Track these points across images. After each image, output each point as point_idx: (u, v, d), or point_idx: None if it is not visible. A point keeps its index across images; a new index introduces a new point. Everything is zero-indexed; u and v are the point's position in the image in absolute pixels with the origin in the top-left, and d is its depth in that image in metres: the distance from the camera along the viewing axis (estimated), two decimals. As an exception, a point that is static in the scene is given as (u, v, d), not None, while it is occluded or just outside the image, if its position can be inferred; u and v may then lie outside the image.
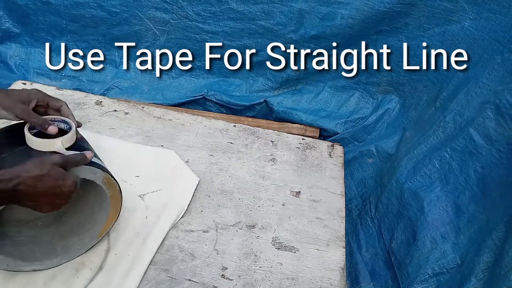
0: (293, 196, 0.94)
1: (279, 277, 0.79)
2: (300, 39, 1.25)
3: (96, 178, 0.69)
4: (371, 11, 1.15)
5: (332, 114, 1.35)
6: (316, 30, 1.23)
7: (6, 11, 1.32)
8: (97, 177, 0.69)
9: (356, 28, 1.20)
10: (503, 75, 0.90)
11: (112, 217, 0.76)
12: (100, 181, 0.70)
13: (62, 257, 0.73)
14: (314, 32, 1.23)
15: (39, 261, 0.70)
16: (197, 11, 1.26)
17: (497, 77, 0.92)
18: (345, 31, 1.21)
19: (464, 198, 0.91)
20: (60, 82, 1.37)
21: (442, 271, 0.87)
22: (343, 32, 1.21)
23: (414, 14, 1.13)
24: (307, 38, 1.25)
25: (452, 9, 1.06)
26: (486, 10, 0.99)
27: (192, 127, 1.06)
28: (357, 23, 1.18)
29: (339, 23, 1.19)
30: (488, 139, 0.89)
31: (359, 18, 1.17)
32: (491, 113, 0.89)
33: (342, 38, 1.23)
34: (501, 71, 0.91)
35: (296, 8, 1.21)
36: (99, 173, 0.69)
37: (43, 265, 0.71)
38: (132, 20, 1.30)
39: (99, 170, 0.69)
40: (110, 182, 0.71)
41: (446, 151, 0.98)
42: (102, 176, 0.69)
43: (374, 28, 1.19)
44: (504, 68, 0.91)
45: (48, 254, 0.72)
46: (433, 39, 1.12)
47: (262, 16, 1.24)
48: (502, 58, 0.92)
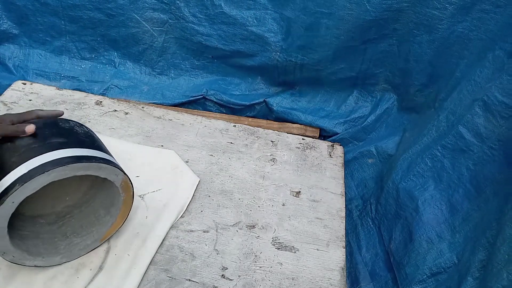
0: (293, 196, 0.94)
1: (279, 277, 0.79)
2: (288, 48, 1.23)
3: (116, 180, 0.69)
4: (357, 21, 1.09)
5: (331, 113, 1.35)
6: (302, 41, 1.19)
7: (4, 12, 1.32)
8: (117, 179, 0.69)
9: (342, 39, 1.15)
10: (492, 72, 0.90)
11: (118, 222, 0.76)
12: (119, 183, 0.69)
13: (64, 256, 0.73)
14: (300, 42, 1.20)
15: (42, 256, 0.70)
16: (193, 12, 1.26)
17: (487, 74, 0.91)
18: (332, 41, 1.16)
19: (458, 196, 0.91)
20: (59, 82, 1.37)
21: (439, 271, 0.87)
22: (329, 43, 1.16)
23: (402, 20, 1.09)
24: (294, 48, 1.22)
25: (441, 16, 1.03)
26: (477, 11, 0.97)
27: (192, 127, 1.06)
28: (343, 33, 1.13)
29: (324, 33, 1.15)
30: (479, 136, 0.88)
31: (344, 28, 1.12)
32: (479, 110, 0.88)
33: (329, 49, 1.19)
34: (491, 68, 0.90)
35: (286, 16, 1.18)
36: (120, 175, 0.69)
37: (45, 262, 0.70)
38: (129, 23, 1.30)
39: (121, 172, 0.68)
40: (127, 186, 0.71)
41: (437, 149, 0.97)
42: (121, 178, 0.69)
43: (361, 38, 1.15)
44: (494, 65, 0.90)
45: (51, 252, 0.72)
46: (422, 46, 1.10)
47: (254, 22, 1.22)
48: (493, 56, 0.91)
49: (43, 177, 0.59)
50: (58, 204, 0.78)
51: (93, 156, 0.65)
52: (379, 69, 1.24)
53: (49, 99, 1.07)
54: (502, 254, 0.70)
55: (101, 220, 0.76)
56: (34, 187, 0.59)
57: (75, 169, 0.62)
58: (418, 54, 1.12)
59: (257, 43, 1.26)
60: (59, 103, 1.06)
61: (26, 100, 1.06)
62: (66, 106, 1.06)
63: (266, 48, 1.26)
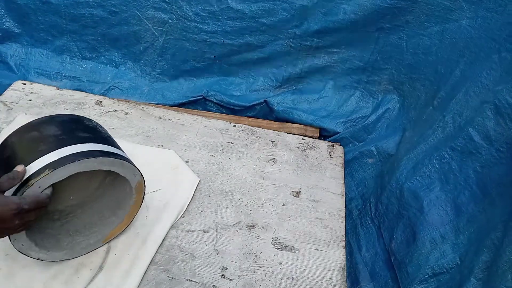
0: (293, 196, 0.94)
1: (279, 277, 0.79)
2: (303, 34, 1.27)
3: (133, 180, 0.70)
4: (373, 7, 1.16)
5: (332, 113, 1.35)
6: (319, 25, 1.24)
7: (6, 11, 1.32)
8: (134, 179, 0.70)
9: (358, 24, 1.21)
10: (501, 75, 0.90)
11: (124, 223, 0.76)
12: (134, 184, 0.70)
13: (67, 253, 0.73)
14: (317, 27, 1.25)
15: (46, 250, 0.70)
16: (196, 11, 1.26)
17: (495, 77, 0.92)
18: (347, 26, 1.22)
19: (463, 198, 0.91)
20: (60, 82, 1.37)
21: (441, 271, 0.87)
22: (345, 27, 1.23)
23: (415, 11, 1.14)
24: (310, 33, 1.26)
25: (451, 7, 1.07)
26: (483, 9, 0.99)
27: (192, 127, 1.06)
28: (359, 19, 1.20)
29: (341, 18, 1.21)
30: (488, 139, 0.89)
31: (361, 14, 1.19)
32: (490, 113, 0.89)
33: (345, 33, 1.24)
34: (499, 70, 0.91)
35: (298, 4, 1.22)
36: (138, 176, 0.70)
37: (49, 256, 0.70)
38: (131, 20, 1.30)
39: (139, 173, 0.70)
40: (140, 188, 0.72)
41: (445, 151, 0.98)
42: (138, 180, 0.70)
43: (375, 25, 1.21)
44: (502, 67, 0.91)
45: (55, 246, 0.72)
46: (432, 38, 1.13)
47: (264, 14, 1.24)
48: (499, 57, 0.91)
49: (74, 165, 0.60)
50: (62, 202, 0.78)
51: (117, 154, 0.67)
52: (386, 65, 1.26)
53: (49, 99, 1.07)
54: (508, 255, 0.70)
55: (105, 221, 0.77)
56: (62, 174, 0.60)
57: (102, 163, 0.64)
58: (427, 46, 1.15)
59: (267, 33, 1.27)
60: (59, 103, 1.06)
61: (26, 100, 1.06)
62: (66, 106, 1.06)
63: (277, 37, 1.28)
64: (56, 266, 0.73)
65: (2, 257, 0.74)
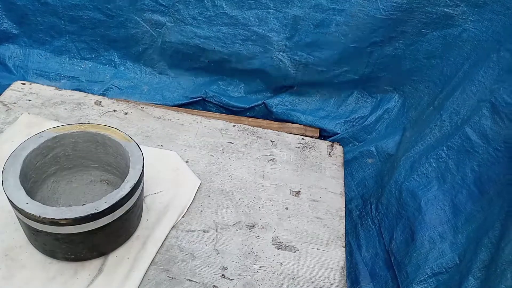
0: (293, 196, 0.94)
1: (279, 277, 0.79)
2: (294, 46, 1.24)
3: None
4: (366, 18, 1.12)
5: (331, 114, 1.34)
6: (310, 38, 1.21)
7: (4, 12, 1.32)
8: None
9: (350, 37, 1.17)
10: (498, 73, 0.90)
11: None
12: None
13: None
14: (308, 40, 1.21)
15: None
16: (193, 15, 1.25)
17: (493, 75, 0.91)
18: (339, 39, 1.18)
19: (461, 197, 0.91)
20: (60, 82, 1.37)
21: (441, 271, 0.87)
22: (337, 41, 1.19)
23: (411, 21, 1.10)
24: (301, 45, 1.23)
25: (451, 13, 1.04)
26: (489, 11, 0.97)
27: (192, 127, 1.06)
28: (352, 31, 1.16)
29: (333, 30, 1.17)
30: (485, 138, 0.89)
31: (353, 25, 1.14)
32: (487, 112, 0.89)
33: (336, 49, 1.20)
34: (497, 69, 0.91)
35: (291, 14, 1.19)
36: None
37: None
38: (128, 24, 1.30)
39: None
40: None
41: (442, 150, 0.97)
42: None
43: (368, 39, 1.16)
44: (499, 66, 0.91)
45: None
46: (433, 43, 1.11)
47: (256, 22, 1.22)
48: (497, 56, 0.91)
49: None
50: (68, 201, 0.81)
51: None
52: (382, 73, 1.24)
53: (48, 99, 1.07)
54: (506, 254, 0.70)
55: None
56: None
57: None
58: (429, 51, 1.12)
59: (258, 43, 1.25)
60: (58, 103, 1.06)
61: (26, 100, 1.06)
62: (65, 107, 1.06)
63: (267, 49, 1.25)
64: (55, 267, 0.73)
65: (2, 257, 0.73)
